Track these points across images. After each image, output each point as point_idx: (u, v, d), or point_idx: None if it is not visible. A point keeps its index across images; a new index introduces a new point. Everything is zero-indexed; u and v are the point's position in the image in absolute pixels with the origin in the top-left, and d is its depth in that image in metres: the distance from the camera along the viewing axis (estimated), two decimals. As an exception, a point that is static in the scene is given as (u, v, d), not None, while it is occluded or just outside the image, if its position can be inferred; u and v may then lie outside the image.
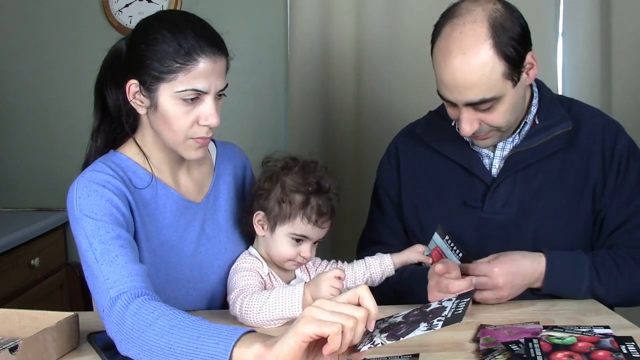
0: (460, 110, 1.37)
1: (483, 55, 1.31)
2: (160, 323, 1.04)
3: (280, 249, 1.40)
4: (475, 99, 1.33)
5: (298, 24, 2.36)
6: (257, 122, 2.53)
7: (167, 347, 1.01)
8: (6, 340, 1.21)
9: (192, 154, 1.31)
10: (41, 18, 2.56)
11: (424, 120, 1.63)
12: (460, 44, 1.32)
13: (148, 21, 1.30)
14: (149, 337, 1.03)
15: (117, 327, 1.08)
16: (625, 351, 1.10)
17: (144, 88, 1.26)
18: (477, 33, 1.32)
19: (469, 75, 1.32)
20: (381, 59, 2.36)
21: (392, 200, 1.62)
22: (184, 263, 1.38)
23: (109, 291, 1.12)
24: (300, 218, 1.36)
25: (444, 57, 1.34)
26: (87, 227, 1.20)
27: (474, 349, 1.15)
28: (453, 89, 1.34)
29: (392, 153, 1.65)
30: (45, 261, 2.36)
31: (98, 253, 1.17)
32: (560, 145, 1.46)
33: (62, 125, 2.58)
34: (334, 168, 2.41)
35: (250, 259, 1.43)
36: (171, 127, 1.27)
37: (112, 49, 1.36)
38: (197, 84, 1.24)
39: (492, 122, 1.38)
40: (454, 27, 1.34)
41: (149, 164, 1.35)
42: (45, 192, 2.60)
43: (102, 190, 1.24)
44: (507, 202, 1.46)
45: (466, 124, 1.37)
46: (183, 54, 1.22)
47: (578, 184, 1.46)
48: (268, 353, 0.91)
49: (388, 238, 1.61)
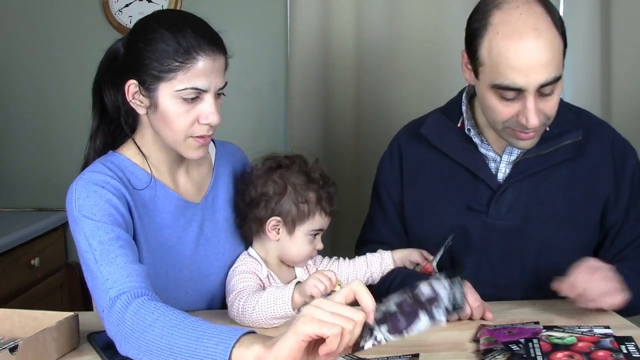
0: (525, 100, 1.30)
1: (552, 31, 1.29)
2: (160, 324, 1.04)
3: (301, 249, 1.42)
4: (550, 78, 1.29)
5: (298, 24, 2.36)
6: (257, 122, 2.53)
7: (167, 348, 1.01)
8: (6, 340, 1.21)
9: (193, 153, 1.31)
10: (41, 18, 2.55)
11: (429, 119, 1.58)
12: (528, 23, 1.28)
13: (146, 21, 1.29)
14: (148, 337, 1.03)
15: (117, 328, 1.08)
16: (625, 351, 1.10)
17: (144, 88, 1.25)
18: (537, 12, 1.29)
19: (545, 53, 1.27)
20: (381, 58, 2.36)
21: (393, 199, 1.60)
22: (183, 263, 1.37)
23: (108, 291, 1.12)
24: (319, 213, 1.40)
25: (515, 41, 1.27)
26: (86, 227, 1.20)
27: (474, 349, 1.15)
28: (529, 70, 1.28)
29: (394, 151, 1.61)
30: (45, 261, 2.36)
31: (97, 253, 1.17)
32: (569, 154, 1.44)
33: (62, 125, 2.58)
34: (334, 167, 2.41)
35: (249, 261, 1.43)
36: (171, 126, 1.26)
37: (109, 50, 1.36)
38: (196, 83, 1.23)
39: (549, 110, 1.34)
40: (510, 12, 1.30)
41: (148, 164, 1.34)
42: (45, 192, 2.60)
43: (101, 190, 1.23)
44: (512, 207, 1.45)
45: (536, 113, 1.31)
46: (182, 53, 1.22)
47: (586, 194, 1.45)
48: (267, 354, 0.91)
49: (388, 237, 1.60)
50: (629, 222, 1.45)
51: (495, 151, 1.48)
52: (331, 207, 1.42)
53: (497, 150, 1.48)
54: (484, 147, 1.49)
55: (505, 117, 1.34)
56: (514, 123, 1.34)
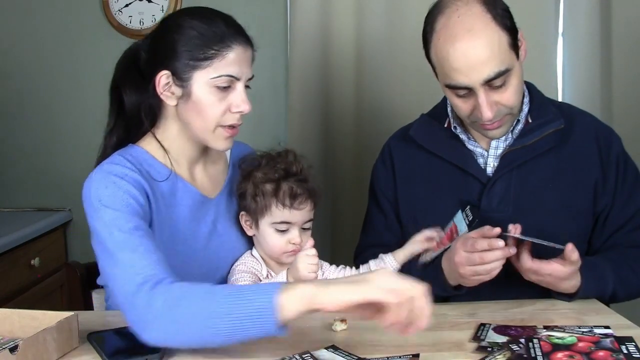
0: (477, 95, 1.36)
1: (488, 29, 1.34)
2: (193, 294, 1.08)
3: (269, 242, 1.42)
4: (492, 73, 1.33)
5: (298, 24, 2.36)
6: (257, 122, 2.52)
7: (206, 313, 1.05)
8: (6, 340, 1.21)
9: (221, 144, 1.34)
10: (41, 18, 2.55)
11: (416, 122, 1.63)
12: (463, 25, 1.34)
13: (176, 15, 1.36)
14: (183, 310, 1.07)
15: (145, 310, 1.10)
16: (626, 351, 1.10)
17: (177, 78, 1.29)
18: (475, 12, 1.35)
19: (481, 51, 1.33)
20: (381, 58, 2.36)
21: (390, 202, 1.62)
22: (194, 257, 1.39)
23: (134, 277, 1.13)
24: (275, 205, 1.39)
25: (451, 43, 1.34)
26: (106, 217, 1.21)
27: (474, 349, 1.15)
28: (468, 70, 1.34)
29: (386, 155, 1.65)
30: (45, 261, 2.35)
31: (119, 242, 1.18)
32: (553, 142, 1.48)
33: (62, 125, 2.58)
34: (334, 168, 2.41)
35: (250, 260, 1.44)
36: (204, 115, 1.30)
37: (127, 51, 1.40)
38: (231, 70, 1.29)
39: (507, 101, 1.38)
40: (450, 15, 1.36)
41: (169, 158, 1.36)
42: (45, 192, 2.60)
43: (120, 182, 1.25)
44: (504, 199, 1.48)
45: (487, 107, 1.36)
46: (218, 41, 1.28)
47: (574, 181, 1.48)
48: (321, 292, 1.02)
49: (389, 240, 1.61)
50: (617, 206, 1.49)
51: (482, 146, 1.52)
52: (291, 200, 1.38)
53: (483, 145, 1.52)
54: (471, 144, 1.53)
55: (466, 112, 1.42)
56: (475, 117, 1.41)
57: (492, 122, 1.40)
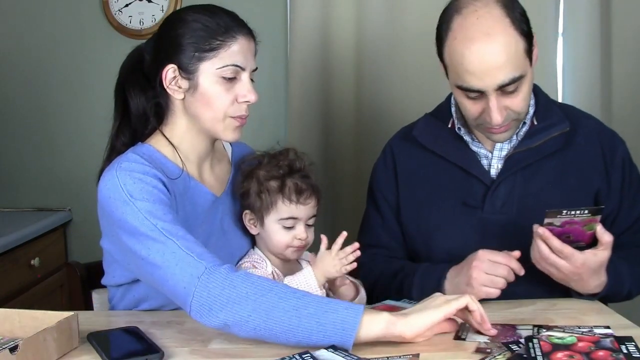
0: (488, 99, 1.35)
1: (506, 33, 1.31)
2: (281, 289, 1.12)
3: (275, 238, 1.42)
4: (506, 79, 1.32)
5: (298, 24, 2.36)
6: (257, 122, 2.52)
7: (293, 309, 1.08)
8: (6, 340, 1.21)
9: (231, 134, 1.36)
10: (41, 18, 2.55)
11: (420, 122, 1.62)
12: (481, 28, 1.31)
13: (179, 12, 1.38)
14: (270, 299, 1.09)
15: (222, 291, 1.11)
16: (626, 351, 1.10)
17: (183, 71, 1.30)
18: (494, 14, 1.32)
19: (498, 56, 1.31)
20: (381, 58, 2.36)
21: (389, 202, 1.61)
22: None
23: (200, 261, 1.15)
24: (282, 201, 1.40)
25: (468, 45, 1.32)
26: (143, 209, 1.21)
27: (474, 349, 1.15)
28: (483, 74, 1.32)
29: (387, 156, 1.64)
30: (45, 261, 2.35)
31: (167, 231, 1.19)
32: (558, 145, 1.47)
33: (62, 125, 2.58)
34: (334, 168, 2.41)
35: (256, 257, 1.45)
36: (212, 106, 1.31)
37: (132, 53, 1.41)
38: (236, 60, 1.31)
39: (516, 107, 1.37)
40: (467, 16, 1.34)
41: (178, 155, 1.36)
42: (45, 192, 2.59)
43: (145, 177, 1.26)
44: (507, 201, 1.47)
45: (497, 112, 1.35)
46: (222, 32, 1.30)
47: (578, 184, 1.47)
48: (400, 320, 1.10)
49: (387, 241, 1.61)
50: (624, 209, 1.49)
51: (486, 148, 1.51)
52: (297, 195, 1.40)
53: (488, 147, 1.51)
54: (475, 145, 1.52)
55: (474, 114, 1.40)
56: (483, 119, 1.39)
57: (500, 126, 1.39)
